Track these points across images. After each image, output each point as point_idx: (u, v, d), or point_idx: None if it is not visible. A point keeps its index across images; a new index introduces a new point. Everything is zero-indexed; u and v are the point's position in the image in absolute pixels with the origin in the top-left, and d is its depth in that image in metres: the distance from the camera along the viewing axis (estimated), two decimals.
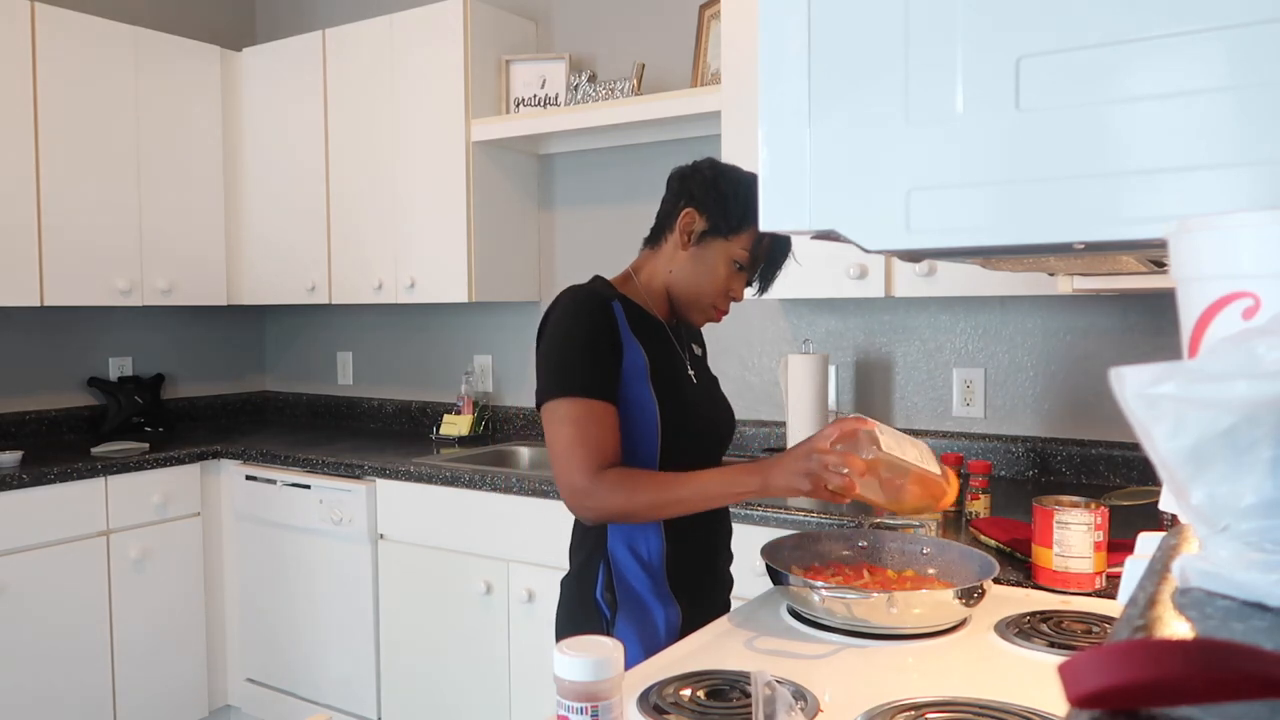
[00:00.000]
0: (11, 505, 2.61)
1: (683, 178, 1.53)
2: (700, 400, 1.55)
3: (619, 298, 1.49)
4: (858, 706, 1.05)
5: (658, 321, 1.53)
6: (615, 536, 1.48)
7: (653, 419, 1.45)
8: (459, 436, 3.19)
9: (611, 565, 1.48)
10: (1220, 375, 0.40)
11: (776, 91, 0.74)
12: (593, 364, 1.41)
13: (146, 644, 2.93)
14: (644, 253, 1.58)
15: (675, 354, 1.54)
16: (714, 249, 1.48)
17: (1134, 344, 2.32)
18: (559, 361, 1.43)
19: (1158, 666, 0.33)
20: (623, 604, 1.47)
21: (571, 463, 1.37)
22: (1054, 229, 0.64)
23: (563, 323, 1.44)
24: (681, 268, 1.50)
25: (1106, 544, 1.52)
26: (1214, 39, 0.57)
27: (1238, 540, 0.43)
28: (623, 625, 1.46)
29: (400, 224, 3.11)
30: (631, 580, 1.47)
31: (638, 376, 1.45)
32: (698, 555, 1.53)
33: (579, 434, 1.38)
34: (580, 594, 1.51)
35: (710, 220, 1.47)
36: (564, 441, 1.38)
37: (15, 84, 2.87)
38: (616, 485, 1.36)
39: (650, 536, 1.48)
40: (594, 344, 1.41)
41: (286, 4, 3.91)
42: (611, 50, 3.06)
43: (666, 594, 1.48)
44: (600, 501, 1.37)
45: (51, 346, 3.33)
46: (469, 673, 2.61)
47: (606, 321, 1.43)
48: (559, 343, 1.44)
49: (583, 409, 1.39)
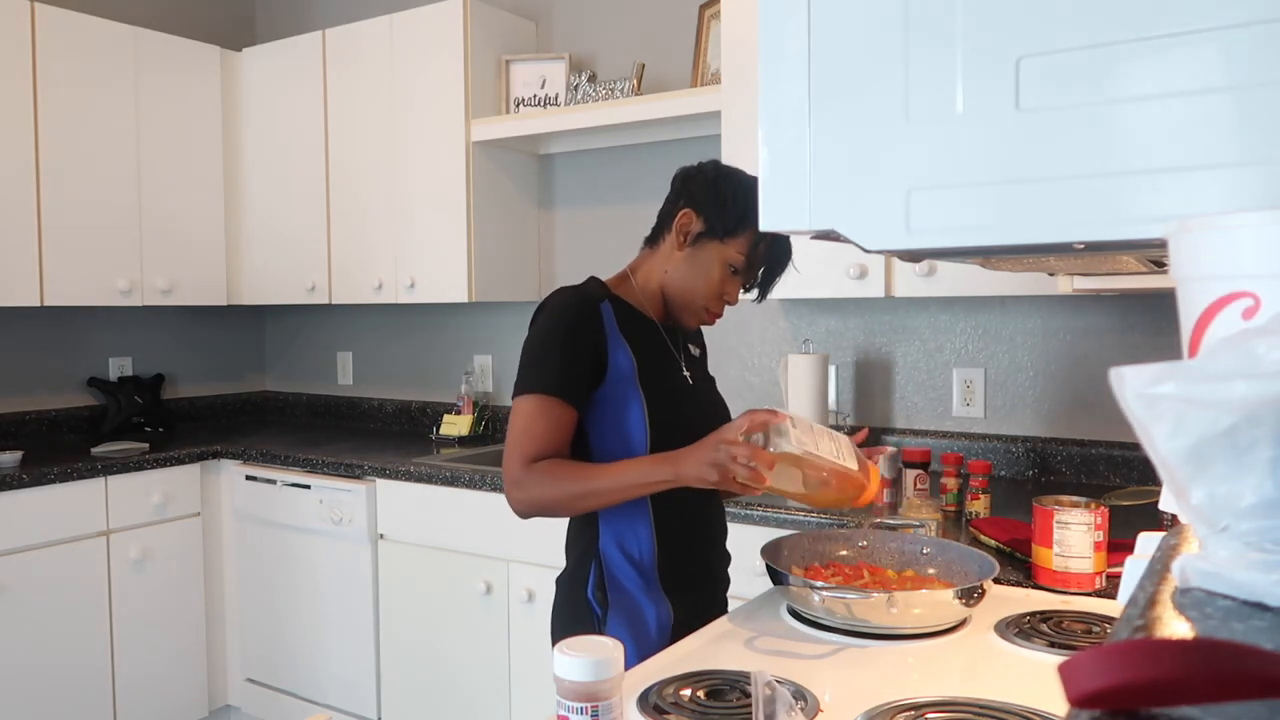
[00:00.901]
0: (11, 505, 2.61)
1: (685, 178, 1.53)
2: (693, 401, 1.56)
3: (610, 298, 1.49)
4: (858, 706, 1.05)
5: (651, 322, 1.54)
6: (606, 535, 1.49)
7: (640, 419, 1.46)
8: (459, 436, 3.19)
9: (603, 564, 1.49)
10: (1220, 375, 0.40)
11: (776, 91, 0.74)
12: (562, 364, 1.42)
13: (146, 644, 2.93)
14: (643, 252, 1.58)
15: (668, 354, 1.55)
16: (709, 251, 1.48)
17: (1134, 344, 2.32)
18: (529, 359, 1.45)
19: (1158, 666, 0.33)
20: (614, 603, 1.47)
21: (512, 454, 1.42)
22: (1054, 229, 0.64)
23: (543, 322, 1.47)
24: (676, 268, 1.50)
25: (1106, 544, 1.52)
26: (1213, 39, 0.57)
27: (1238, 540, 0.43)
28: (614, 623, 1.46)
29: (400, 224, 3.11)
30: (622, 579, 1.48)
31: (624, 377, 1.45)
32: (688, 553, 1.53)
33: (527, 428, 1.41)
34: (572, 593, 1.52)
35: (707, 222, 1.47)
36: (513, 434, 1.43)
37: (15, 84, 2.87)
38: (543, 475, 1.39)
39: (640, 534, 1.48)
40: (569, 345, 1.43)
41: (286, 4, 3.91)
42: (611, 50, 3.06)
43: (658, 592, 1.49)
44: (527, 492, 1.40)
45: (51, 346, 3.33)
46: (469, 673, 2.61)
47: (589, 323, 1.44)
48: (535, 341, 1.46)
49: (537, 405, 1.42)
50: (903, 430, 2.60)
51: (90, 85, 3.06)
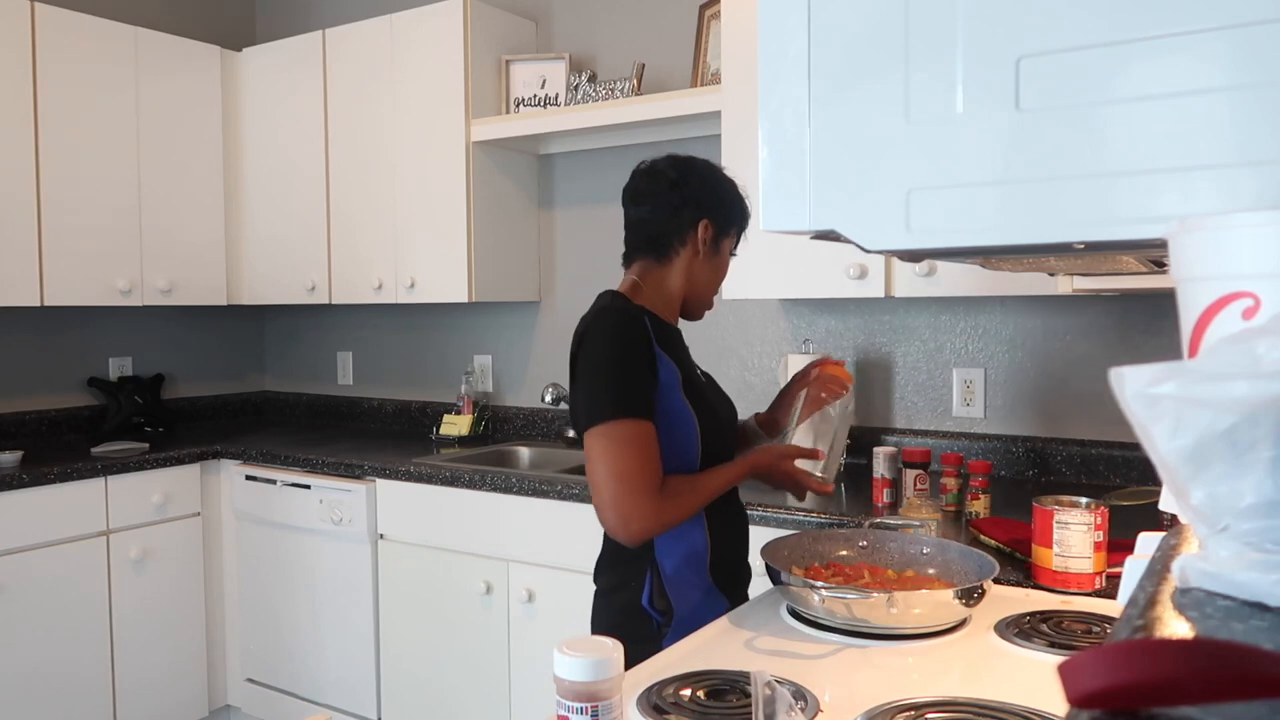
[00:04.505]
0: (11, 505, 2.61)
1: (674, 185, 1.54)
2: (717, 397, 1.65)
3: (645, 312, 1.53)
4: (858, 706, 1.05)
5: (675, 330, 1.62)
6: (662, 545, 1.50)
7: (692, 429, 1.51)
8: (459, 436, 3.19)
9: (660, 573, 1.50)
10: (1220, 375, 0.40)
11: (776, 91, 0.74)
12: (638, 384, 1.45)
13: (146, 644, 2.93)
14: (643, 263, 1.59)
15: (689, 358, 1.63)
16: (724, 247, 1.61)
17: (1134, 344, 2.31)
18: (607, 384, 1.44)
19: (1158, 666, 0.33)
20: (677, 609, 1.49)
21: (637, 485, 1.40)
22: (1054, 229, 0.64)
23: (602, 346, 1.46)
24: (702, 274, 1.59)
25: (1106, 544, 1.52)
26: (1213, 39, 0.57)
27: (1238, 540, 0.43)
28: (677, 630, 1.47)
29: (400, 224, 3.11)
30: (684, 585, 1.51)
31: (673, 389, 1.50)
32: (735, 551, 1.61)
33: (641, 455, 1.41)
34: (625, 604, 1.52)
35: (720, 226, 1.58)
36: (627, 464, 1.40)
37: (15, 84, 2.87)
38: (671, 502, 1.43)
39: (696, 540, 1.52)
40: (636, 364, 1.45)
41: (286, 4, 3.91)
42: (611, 50, 3.06)
43: (715, 592, 1.54)
44: (664, 519, 1.43)
45: (51, 346, 3.33)
46: (469, 673, 2.61)
47: (642, 339, 1.47)
48: (601, 366, 1.45)
49: (637, 431, 1.41)
50: (903, 430, 2.60)
51: (90, 85, 3.05)
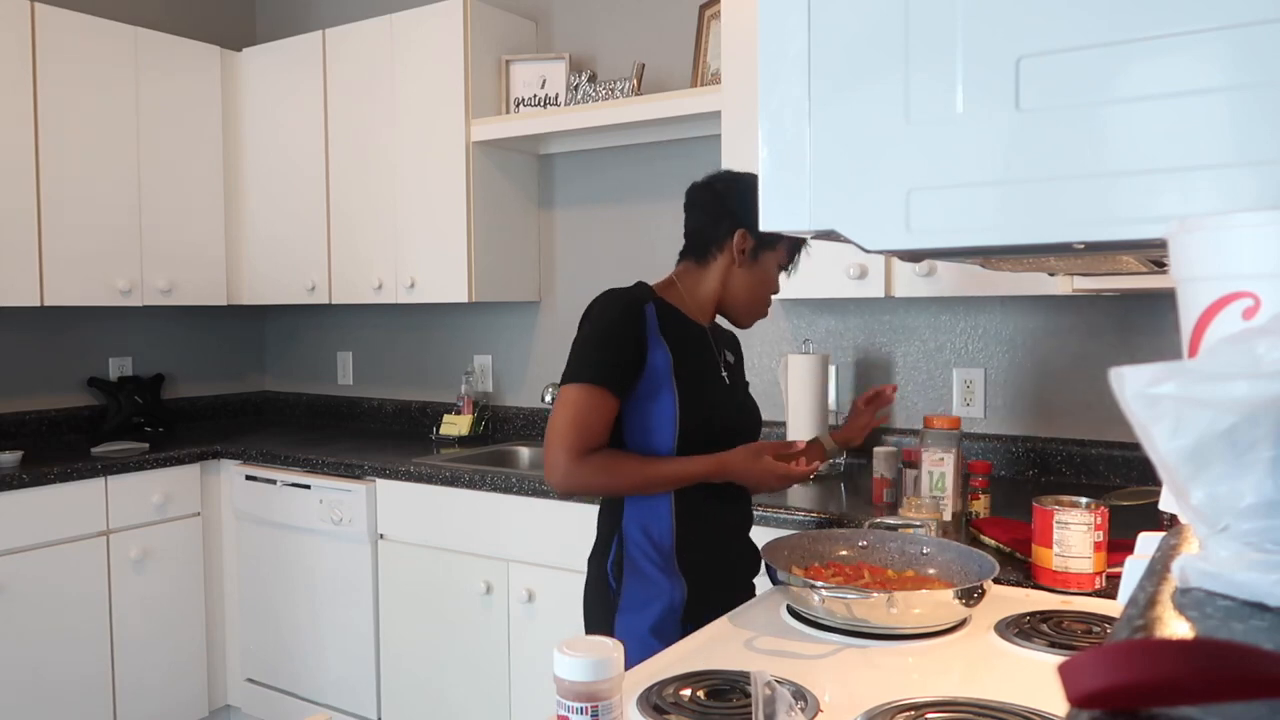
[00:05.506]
0: (11, 505, 2.61)
1: (718, 197, 1.65)
2: (729, 399, 1.70)
3: (656, 301, 1.63)
4: (858, 706, 1.05)
5: (697, 327, 1.67)
6: (630, 516, 1.61)
7: (670, 413, 1.57)
8: (459, 436, 3.19)
9: (624, 542, 1.61)
10: (1220, 375, 0.40)
11: (776, 91, 0.74)
12: (607, 357, 1.54)
13: (146, 644, 2.93)
14: (684, 264, 1.71)
15: (709, 357, 1.67)
16: (767, 259, 1.66)
17: (1134, 344, 2.31)
18: (578, 352, 1.58)
19: (1158, 666, 0.33)
20: (629, 578, 1.59)
21: (562, 443, 1.53)
22: (1054, 229, 0.64)
23: (592, 319, 1.59)
24: (740, 282, 1.66)
25: (1106, 544, 1.52)
26: (1213, 39, 0.57)
27: (1238, 540, 0.43)
28: (627, 597, 1.60)
29: (400, 224, 3.11)
30: (640, 557, 1.60)
31: (661, 374, 1.57)
32: (706, 540, 1.63)
33: (574, 418, 1.53)
34: (597, 568, 1.66)
35: (756, 236, 1.63)
36: (561, 423, 1.54)
37: (15, 84, 2.87)
38: (599, 470, 1.53)
39: (661, 518, 1.60)
40: (613, 339, 1.56)
41: (286, 4, 3.91)
42: (611, 50, 3.06)
43: (674, 571, 1.59)
44: (578, 480, 1.54)
45: (51, 346, 3.33)
46: (469, 672, 2.61)
47: (633, 321, 1.57)
48: (583, 336, 1.59)
49: (584, 394, 1.53)
50: (903, 430, 2.60)
51: (90, 85, 3.05)
